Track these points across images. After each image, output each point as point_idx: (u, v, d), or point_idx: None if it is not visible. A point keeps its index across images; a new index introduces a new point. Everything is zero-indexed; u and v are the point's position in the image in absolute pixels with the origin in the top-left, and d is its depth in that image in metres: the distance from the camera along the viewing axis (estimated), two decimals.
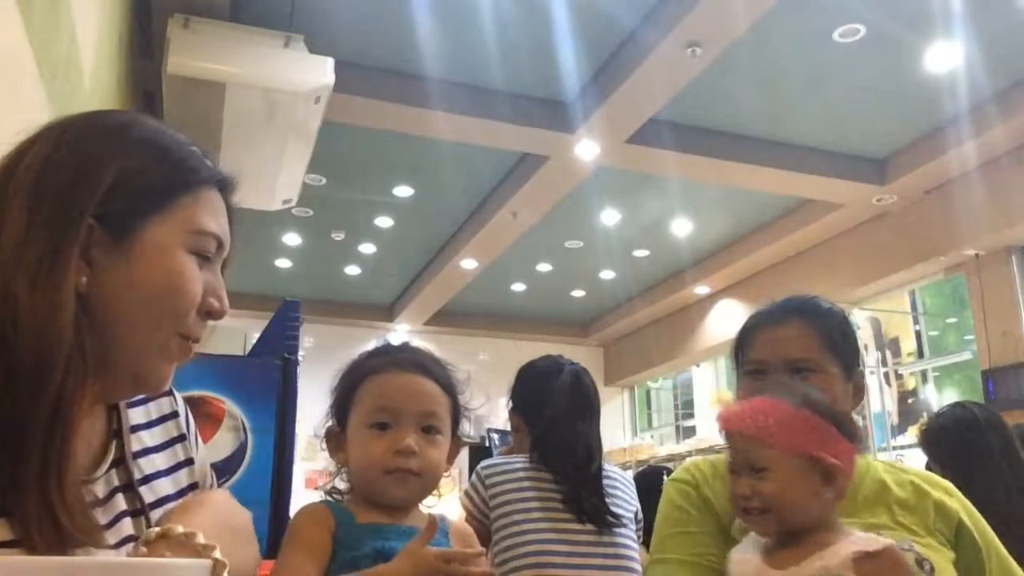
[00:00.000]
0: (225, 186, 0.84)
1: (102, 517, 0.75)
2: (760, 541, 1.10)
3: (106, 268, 0.73)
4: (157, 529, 0.69)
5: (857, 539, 1.03)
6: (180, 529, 0.69)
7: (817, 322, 1.27)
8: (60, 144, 0.74)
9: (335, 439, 1.10)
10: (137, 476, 0.83)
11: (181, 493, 0.89)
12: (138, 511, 0.80)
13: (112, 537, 0.75)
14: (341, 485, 1.12)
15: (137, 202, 0.75)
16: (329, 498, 1.11)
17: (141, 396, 0.87)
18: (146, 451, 0.86)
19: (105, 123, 0.78)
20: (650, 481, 2.89)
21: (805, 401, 1.08)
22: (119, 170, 0.74)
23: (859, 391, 1.28)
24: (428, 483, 1.07)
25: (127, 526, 0.78)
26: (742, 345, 1.32)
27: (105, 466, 0.79)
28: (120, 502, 0.79)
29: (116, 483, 0.80)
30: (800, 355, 1.24)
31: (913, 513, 1.19)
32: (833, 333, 1.27)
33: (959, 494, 1.26)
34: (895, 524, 1.17)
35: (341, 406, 1.10)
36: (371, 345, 1.20)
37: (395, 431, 1.05)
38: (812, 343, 1.25)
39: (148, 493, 0.83)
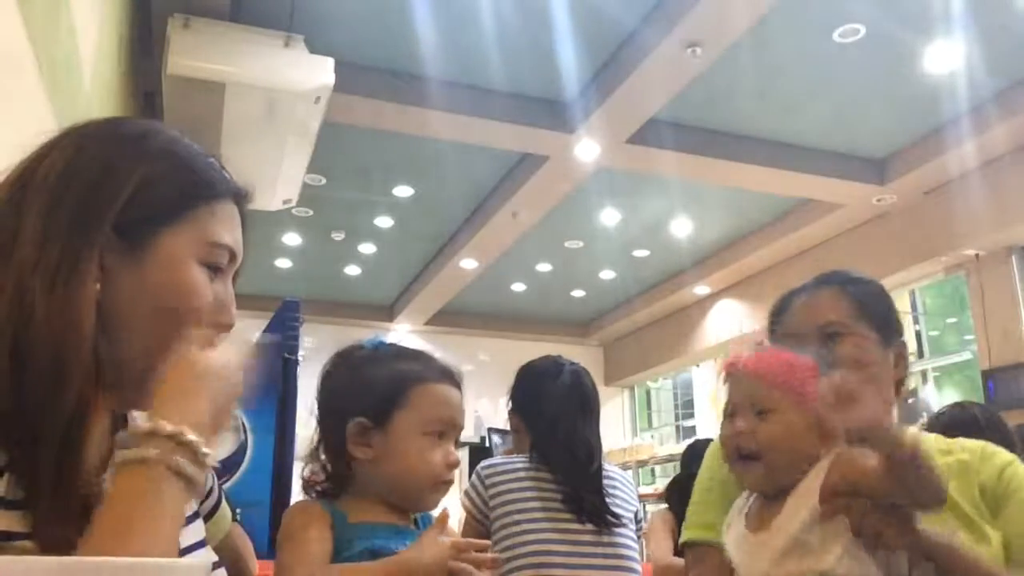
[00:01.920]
0: (240, 198, 0.84)
1: None
2: (742, 508, 1.10)
3: (117, 275, 0.73)
4: (146, 425, 0.65)
5: (811, 476, 1.02)
6: (169, 428, 0.64)
7: (848, 287, 1.28)
8: (80, 151, 0.74)
9: (364, 433, 1.08)
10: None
11: None
12: None
13: None
14: (321, 476, 1.12)
15: (153, 211, 0.75)
16: (312, 495, 1.11)
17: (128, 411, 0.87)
18: None
19: (124, 131, 0.78)
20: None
21: (822, 364, 1.09)
22: (140, 179, 0.74)
23: (901, 360, 1.27)
24: None
25: None
26: (776, 319, 1.33)
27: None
28: None
29: None
30: (831, 318, 1.24)
31: (960, 493, 1.18)
32: (866, 298, 1.27)
33: (990, 452, 1.24)
34: (945, 509, 1.15)
35: (385, 403, 1.08)
36: (398, 341, 1.20)
37: (446, 443, 1.08)
38: (842, 306, 1.25)
39: None
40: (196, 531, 0.87)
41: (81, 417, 0.67)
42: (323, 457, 1.12)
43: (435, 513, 1.10)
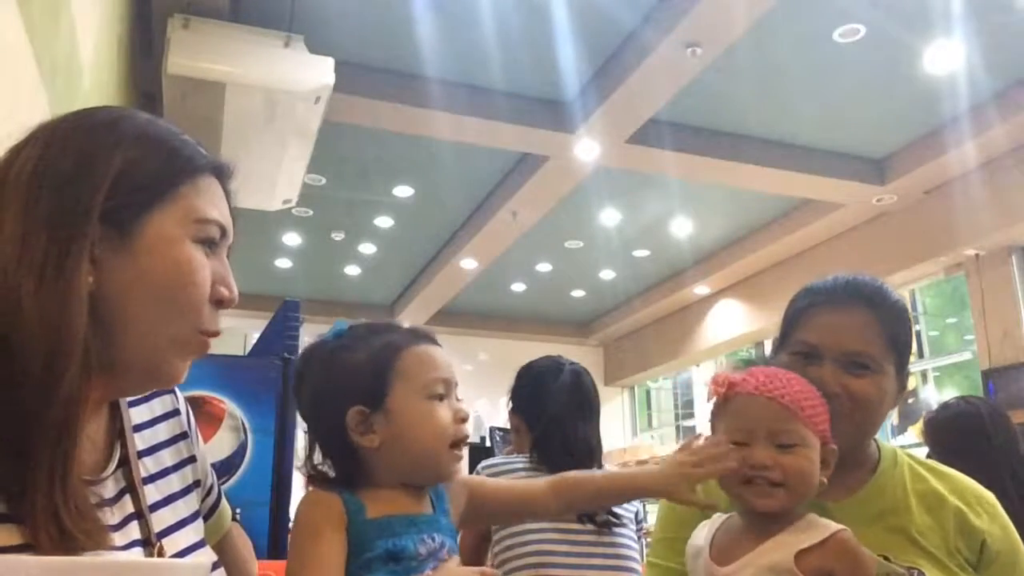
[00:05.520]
0: (221, 172, 0.83)
1: (112, 517, 0.75)
2: (713, 529, 1.06)
3: (110, 265, 0.72)
4: None
5: (802, 528, 0.99)
6: None
7: (885, 315, 1.17)
8: (50, 143, 0.73)
9: (364, 420, 1.02)
10: (144, 474, 0.82)
11: (187, 490, 0.89)
12: (140, 513, 0.80)
13: (120, 539, 0.74)
14: (328, 473, 1.06)
15: (137, 196, 0.74)
16: (313, 484, 1.05)
17: (143, 395, 0.87)
18: (152, 449, 0.86)
19: (95, 119, 0.77)
20: None
21: (818, 385, 1.05)
22: (119, 166, 0.73)
23: (902, 390, 1.20)
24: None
25: (134, 529, 0.78)
26: (793, 323, 1.21)
27: (112, 465, 0.79)
28: (128, 504, 0.79)
29: (124, 483, 0.80)
30: (861, 347, 1.13)
31: (932, 530, 1.13)
32: (898, 329, 1.17)
33: (993, 506, 1.18)
34: (910, 543, 1.11)
35: (375, 383, 1.03)
36: (357, 321, 1.13)
37: (449, 402, 1.04)
38: (875, 337, 1.15)
39: (155, 492, 0.83)
40: (196, 531, 0.87)
41: (73, 414, 0.67)
42: (319, 460, 1.06)
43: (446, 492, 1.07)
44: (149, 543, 0.78)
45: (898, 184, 6.39)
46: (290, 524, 2.29)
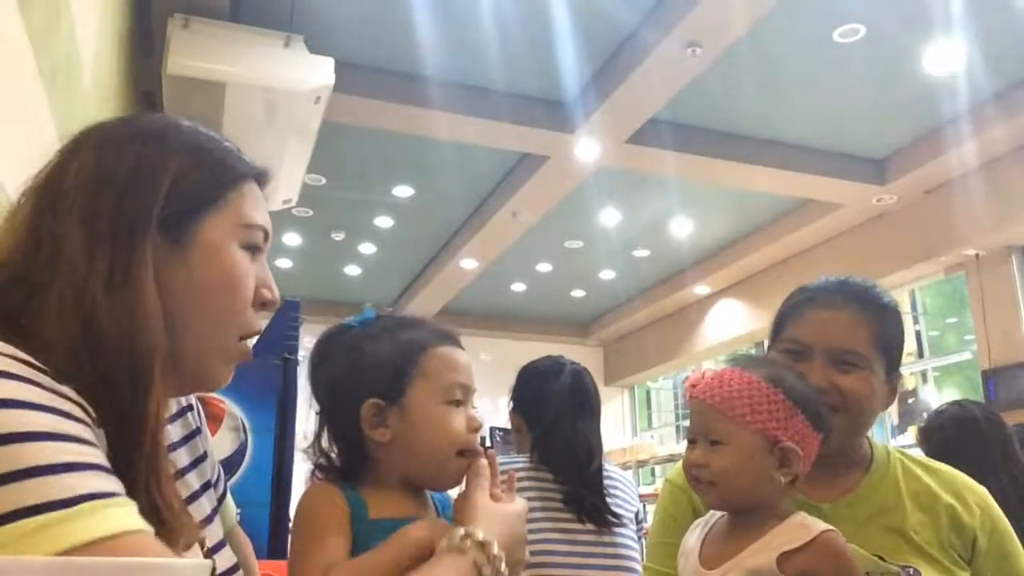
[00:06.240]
0: (261, 178, 0.85)
1: None
2: (704, 530, 1.08)
3: (166, 271, 0.72)
4: (462, 531, 0.84)
5: (789, 529, 0.99)
6: (480, 535, 0.84)
7: (874, 315, 1.18)
8: (104, 154, 0.73)
9: (379, 414, 1.00)
10: (171, 471, 0.83)
11: (205, 487, 0.89)
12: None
13: None
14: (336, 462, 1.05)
15: (189, 204, 0.75)
16: (317, 475, 1.04)
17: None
18: (172, 447, 0.86)
19: (144, 129, 0.77)
20: None
21: (775, 378, 1.03)
22: (172, 174, 0.74)
23: (893, 393, 1.21)
24: None
25: None
26: (784, 321, 1.23)
27: None
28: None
29: None
30: (848, 345, 1.14)
31: (925, 527, 1.13)
32: (888, 331, 1.18)
33: (984, 499, 1.18)
34: (905, 542, 1.12)
35: (396, 378, 1.01)
36: (386, 311, 1.14)
37: (465, 408, 1.03)
38: (864, 336, 1.15)
39: (183, 488, 0.83)
40: (216, 532, 0.87)
41: (162, 421, 0.68)
42: (327, 446, 1.05)
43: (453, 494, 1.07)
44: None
45: (898, 184, 6.39)
46: (290, 523, 2.29)
